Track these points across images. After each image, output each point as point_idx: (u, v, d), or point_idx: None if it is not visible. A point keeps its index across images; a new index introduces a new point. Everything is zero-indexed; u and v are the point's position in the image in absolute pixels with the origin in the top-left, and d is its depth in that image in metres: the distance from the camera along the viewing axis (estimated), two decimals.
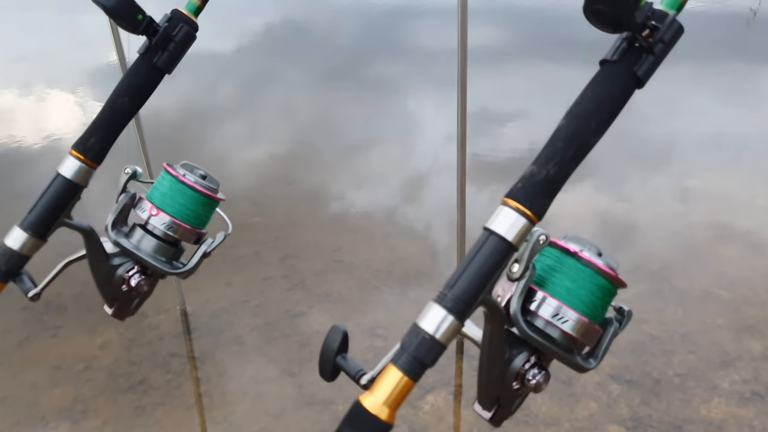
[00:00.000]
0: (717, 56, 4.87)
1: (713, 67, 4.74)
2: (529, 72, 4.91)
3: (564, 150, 0.67)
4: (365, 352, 2.27)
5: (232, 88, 5.16)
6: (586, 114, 0.67)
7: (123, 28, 0.88)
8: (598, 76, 0.69)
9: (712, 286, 2.54)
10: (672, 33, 0.66)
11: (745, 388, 2.08)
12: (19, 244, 0.89)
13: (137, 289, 0.95)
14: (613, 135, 0.69)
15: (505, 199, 0.68)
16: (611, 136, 0.69)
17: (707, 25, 5.28)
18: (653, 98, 3.69)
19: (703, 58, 4.61)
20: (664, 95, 3.81)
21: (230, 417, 2.11)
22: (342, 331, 0.76)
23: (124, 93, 0.92)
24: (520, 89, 4.65)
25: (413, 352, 0.64)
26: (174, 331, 2.51)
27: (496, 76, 4.64)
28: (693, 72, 4.44)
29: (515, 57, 5.24)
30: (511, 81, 4.77)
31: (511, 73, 4.90)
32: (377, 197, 3.45)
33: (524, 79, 4.80)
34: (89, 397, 2.22)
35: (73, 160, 0.90)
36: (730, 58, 4.92)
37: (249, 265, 2.88)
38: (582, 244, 0.76)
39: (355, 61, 5.47)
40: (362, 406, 0.63)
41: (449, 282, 0.66)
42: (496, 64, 4.86)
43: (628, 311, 0.79)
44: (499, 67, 4.87)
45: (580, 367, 0.75)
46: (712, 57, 4.75)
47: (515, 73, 4.93)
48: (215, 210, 0.98)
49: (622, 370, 2.16)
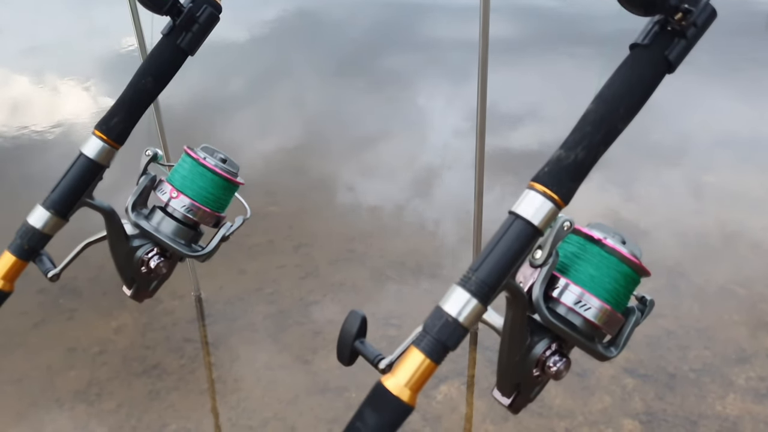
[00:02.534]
0: (734, 54, 4.81)
1: (730, 65, 4.69)
2: (543, 67, 4.88)
3: (592, 134, 0.66)
4: (379, 341, 2.25)
5: (245, 79, 5.16)
6: (616, 98, 0.66)
7: (147, 8, 0.87)
8: (628, 60, 0.68)
9: (729, 282, 2.52)
10: (705, 17, 0.65)
11: (761, 385, 2.06)
12: (42, 223, 0.89)
13: (156, 271, 0.95)
14: (628, 131, 0.68)
15: (531, 183, 0.67)
16: (626, 132, 0.68)
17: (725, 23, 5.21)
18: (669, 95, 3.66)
19: (719, 56, 4.56)
20: (680, 92, 3.78)
21: (243, 403, 2.12)
22: (361, 316, 0.75)
23: (148, 73, 0.91)
24: (533, 84, 4.62)
25: (436, 335, 0.64)
26: (188, 317, 2.52)
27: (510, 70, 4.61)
28: (709, 70, 4.40)
29: (530, 51, 5.21)
30: (526, 76, 4.74)
31: (525, 67, 4.87)
32: (390, 188, 3.44)
33: (538, 74, 4.77)
34: (104, 380, 2.24)
35: (95, 140, 0.90)
36: (747, 57, 4.87)
37: (263, 253, 2.88)
38: (606, 231, 0.75)
39: (368, 53, 5.45)
40: (384, 387, 0.63)
41: (473, 266, 0.65)
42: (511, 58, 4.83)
43: (650, 300, 0.78)
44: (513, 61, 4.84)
45: (601, 355, 0.75)
46: (728, 55, 4.70)
47: (530, 67, 4.90)
48: (234, 194, 0.98)
49: (637, 364, 2.15)
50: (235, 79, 5.16)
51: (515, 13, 5.89)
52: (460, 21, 5.43)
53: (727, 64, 4.63)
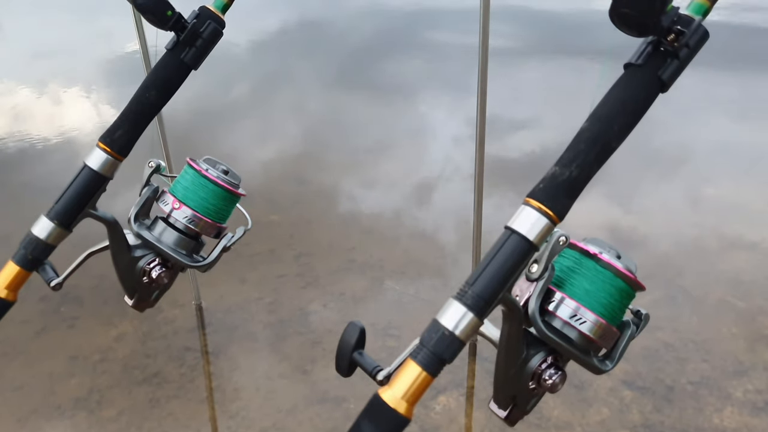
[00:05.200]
0: (734, 66, 4.83)
1: (730, 76, 4.71)
2: (544, 76, 4.90)
3: (586, 152, 0.67)
4: (378, 351, 2.27)
5: (248, 87, 5.19)
6: (610, 117, 0.68)
7: (152, 23, 0.89)
8: (622, 79, 0.69)
9: (727, 295, 2.53)
10: (697, 38, 0.67)
11: (759, 398, 2.07)
12: (45, 233, 0.90)
13: (158, 281, 0.96)
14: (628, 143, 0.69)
15: (527, 199, 0.68)
16: (626, 144, 0.69)
17: (726, 35, 5.24)
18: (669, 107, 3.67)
19: (720, 68, 4.58)
20: (679, 104, 3.80)
21: (242, 412, 2.12)
22: (359, 327, 0.76)
23: (152, 87, 0.93)
24: (534, 93, 4.64)
25: (432, 348, 0.65)
26: (189, 326, 2.53)
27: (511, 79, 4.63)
28: (710, 81, 4.42)
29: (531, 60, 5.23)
30: (527, 84, 4.76)
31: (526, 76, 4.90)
32: (391, 198, 3.46)
33: (540, 83, 4.79)
34: (105, 388, 2.25)
35: (99, 152, 0.91)
36: (748, 69, 4.89)
37: (264, 262, 2.89)
38: (601, 246, 0.76)
39: (370, 62, 5.48)
40: (381, 400, 0.64)
41: (470, 279, 0.67)
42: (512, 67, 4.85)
43: (645, 314, 0.79)
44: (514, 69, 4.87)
45: (597, 368, 0.76)
46: (729, 67, 4.72)
47: (531, 76, 4.92)
48: (236, 205, 0.99)
49: (635, 376, 2.15)
50: (237, 87, 5.19)
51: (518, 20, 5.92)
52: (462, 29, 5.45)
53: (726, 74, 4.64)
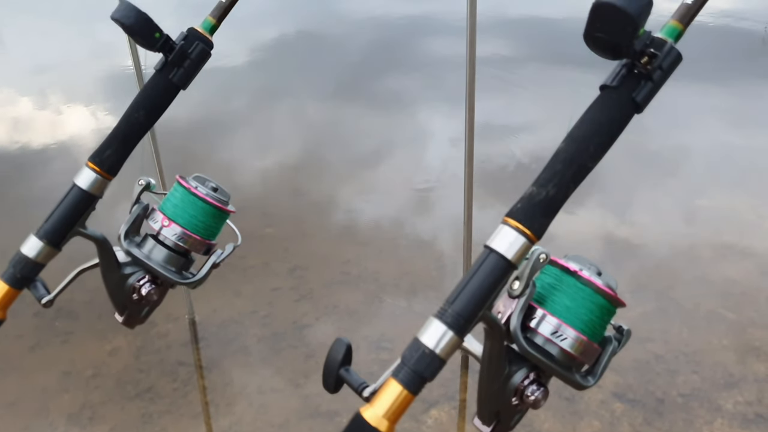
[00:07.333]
0: (729, 74, 4.86)
1: (724, 84, 4.74)
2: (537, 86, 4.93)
3: (563, 172, 0.69)
4: (371, 364, 2.28)
5: (244, 99, 5.21)
6: (585, 138, 0.69)
7: (140, 45, 0.91)
8: (597, 101, 0.71)
9: (718, 306, 2.54)
10: (670, 61, 0.68)
11: (749, 410, 2.08)
12: (35, 252, 0.92)
13: (147, 298, 0.97)
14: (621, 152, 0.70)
15: (505, 218, 0.70)
16: (619, 154, 0.70)
17: (720, 42, 5.29)
18: (662, 116, 3.70)
19: (714, 76, 4.61)
20: (673, 112, 3.82)
21: (235, 426, 2.12)
22: (345, 344, 0.77)
23: (140, 107, 0.94)
24: (527, 103, 4.66)
25: (413, 366, 0.66)
26: (182, 340, 2.53)
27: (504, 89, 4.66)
28: (704, 89, 4.44)
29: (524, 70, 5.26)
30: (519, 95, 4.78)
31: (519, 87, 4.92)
32: (386, 210, 3.47)
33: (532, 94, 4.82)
34: (97, 403, 2.25)
35: (89, 171, 0.93)
36: (743, 76, 4.92)
37: (258, 275, 2.90)
38: (582, 263, 0.78)
39: (366, 75, 5.50)
40: (362, 418, 0.65)
41: (450, 298, 0.68)
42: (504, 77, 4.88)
43: (627, 330, 0.80)
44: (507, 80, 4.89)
45: (579, 384, 0.77)
46: (723, 74, 4.75)
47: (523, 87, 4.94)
48: (225, 222, 1.00)
49: (625, 388, 2.16)
50: (233, 99, 5.20)
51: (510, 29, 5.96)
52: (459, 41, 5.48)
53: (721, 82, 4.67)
